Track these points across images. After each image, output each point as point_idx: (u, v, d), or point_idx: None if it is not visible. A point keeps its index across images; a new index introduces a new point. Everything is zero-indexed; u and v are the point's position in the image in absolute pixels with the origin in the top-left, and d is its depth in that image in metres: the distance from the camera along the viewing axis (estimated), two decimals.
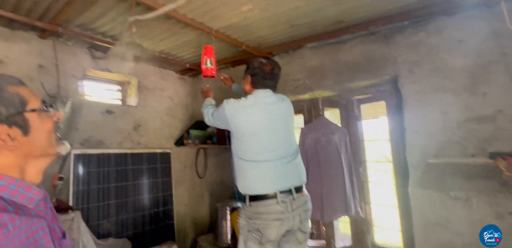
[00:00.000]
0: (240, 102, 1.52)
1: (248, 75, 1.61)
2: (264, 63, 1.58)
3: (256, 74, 1.57)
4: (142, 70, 3.08)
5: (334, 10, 1.87)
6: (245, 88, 1.64)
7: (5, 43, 2.23)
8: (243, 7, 1.84)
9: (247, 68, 1.65)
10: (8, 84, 0.61)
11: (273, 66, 1.59)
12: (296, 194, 1.45)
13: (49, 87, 2.35)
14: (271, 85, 1.59)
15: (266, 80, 1.57)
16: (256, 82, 1.58)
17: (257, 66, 1.58)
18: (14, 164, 0.59)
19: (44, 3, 1.86)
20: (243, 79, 1.68)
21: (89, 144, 2.58)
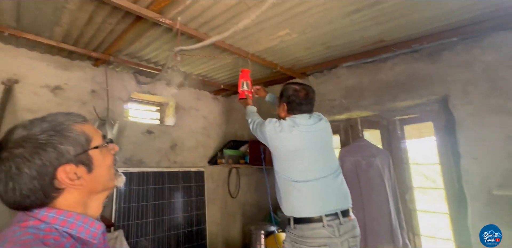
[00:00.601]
0: (280, 124, 1.51)
1: (283, 103, 1.62)
2: (298, 89, 1.58)
3: (292, 101, 1.58)
4: (180, 92, 3.24)
5: (374, 30, 1.81)
6: (281, 116, 1.64)
7: (65, 72, 2.50)
8: (281, 31, 1.86)
9: (281, 96, 1.66)
10: (74, 123, 0.63)
11: (307, 91, 1.59)
12: (343, 218, 1.38)
13: (99, 110, 2.56)
14: (307, 109, 1.59)
15: (302, 106, 1.58)
16: (292, 109, 1.59)
17: (292, 93, 1.58)
18: (79, 201, 0.61)
19: (100, 36, 2.06)
20: (278, 107, 1.70)
21: (131, 162, 2.74)
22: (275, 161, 1.53)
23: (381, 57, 2.23)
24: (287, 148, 1.46)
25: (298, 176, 1.42)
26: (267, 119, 1.56)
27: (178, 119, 3.22)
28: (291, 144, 1.45)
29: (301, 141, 1.46)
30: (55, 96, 2.41)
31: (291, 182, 1.43)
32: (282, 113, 1.63)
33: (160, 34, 1.99)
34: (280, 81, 3.01)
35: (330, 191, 1.43)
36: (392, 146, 2.27)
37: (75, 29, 1.95)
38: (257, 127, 1.66)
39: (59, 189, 0.58)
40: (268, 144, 1.54)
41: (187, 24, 1.80)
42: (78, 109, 2.50)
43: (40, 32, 2.01)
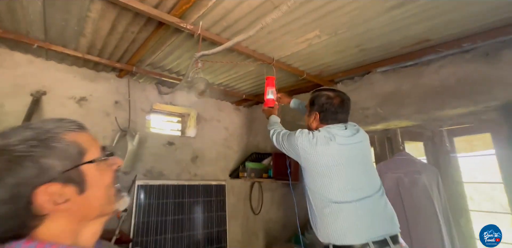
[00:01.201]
0: (314, 136, 1.31)
1: (315, 113, 1.43)
2: (332, 96, 1.40)
3: (326, 110, 1.39)
4: (201, 102, 3.18)
5: (418, 28, 1.58)
6: (312, 126, 1.46)
7: (91, 83, 2.53)
8: (309, 34, 1.70)
9: (312, 105, 1.46)
10: (65, 130, 0.51)
11: (342, 98, 1.41)
12: (394, 245, 1.14)
13: (121, 121, 2.54)
14: (342, 119, 1.39)
15: (338, 115, 1.39)
16: (326, 118, 1.39)
17: (325, 101, 1.39)
18: (67, 230, 0.48)
19: (123, 46, 2.04)
20: (308, 117, 1.51)
21: (151, 174, 2.67)
22: (308, 177, 1.33)
23: (423, 60, 1.97)
24: (324, 163, 1.25)
25: (338, 195, 1.21)
26: (298, 131, 1.36)
27: (199, 131, 3.14)
28: (329, 158, 1.25)
29: (340, 155, 1.25)
30: (80, 107, 2.43)
31: (329, 203, 1.21)
32: (314, 124, 1.44)
33: (181, 42, 1.92)
34: (305, 90, 2.82)
35: (375, 213, 1.20)
36: (440, 161, 1.97)
37: (98, 40, 1.95)
38: (284, 138, 1.47)
39: (40, 215, 0.45)
40: (300, 157, 1.34)
41: (209, 29, 1.70)
42: (101, 120, 2.50)
43: (67, 44, 2.03)
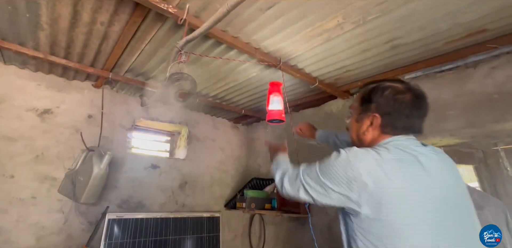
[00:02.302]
0: (380, 153, 0.76)
1: (373, 115, 0.86)
2: (401, 89, 0.84)
3: (394, 111, 0.83)
4: (193, 118, 2.74)
5: (477, 11, 1.19)
6: (366, 137, 0.89)
7: (59, 93, 2.10)
8: (329, 21, 1.30)
9: (366, 102, 0.89)
10: None
11: (417, 93, 0.84)
12: None
13: (94, 139, 2.08)
14: (418, 127, 0.84)
15: (413, 120, 0.83)
16: (393, 125, 0.83)
17: (392, 95, 0.84)
18: None
19: (93, 44, 1.64)
20: (357, 122, 0.93)
21: (127, 205, 2.16)
22: (367, 232, 0.74)
23: (468, 62, 1.57)
24: (404, 205, 0.70)
25: None
26: (341, 151, 0.80)
27: (190, 152, 2.67)
28: (414, 196, 0.71)
29: (430, 188, 0.72)
30: (42, 121, 1.98)
31: None
32: (369, 133, 0.88)
33: (166, 36, 1.52)
34: (315, 103, 2.40)
35: None
36: (498, 189, 1.51)
37: (61, 34, 1.55)
38: (309, 175, 0.86)
39: None
40: (356, 195, 0.74)
41: (199, 15, 1.31)
42: (68, 138, 2.04)
43: (24, 40, 1.63)
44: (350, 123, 0.99)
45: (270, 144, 1.33)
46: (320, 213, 2.13)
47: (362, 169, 0.74)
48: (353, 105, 0.98)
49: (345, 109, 2.17)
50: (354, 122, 0.95)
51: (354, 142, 0.95)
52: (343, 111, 2.19)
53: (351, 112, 0.99)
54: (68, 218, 1.85)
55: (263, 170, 2.81)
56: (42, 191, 1.85)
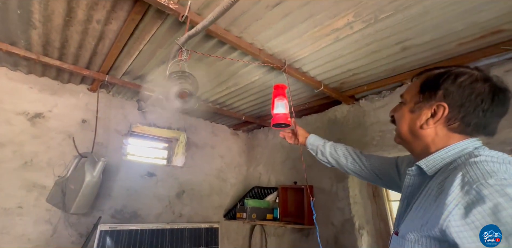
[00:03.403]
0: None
1: (439, 105, 0.69)
2: (477, 76, 0.67)
3: (469, 103, 0.65)
4: (192, 124, 2.65)
5: (493, 10, 1.13)
6: (425, 132, 0.71)
7: (52, 96, 2.01)
8: (339, 20, 1.24)
9: (431, 87, 0.71)
10: None
11: (500, 87, 0.67)
12: None
13: (88, 144, 1.98)
14: (493, 129, 0.68)
15: (490, 118, 0.66)
16: (466, 121, 0.66)
17: (468, 84, 0.66)
18: None
19: (89, 43, 1.56)
20: (411, 112, 0.75)
21: (121, 216, 2.04)
22: None
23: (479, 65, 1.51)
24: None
25: None
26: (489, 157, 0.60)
27: (188, 159, 2.57)
28: None
29: None
30: (32, 125, 1.88)
31: None
32: (429, 128, 0.71)
33: (166, 35, 1.44)
34: (318, 109, 2.33)
35: None
36: None
37: (54, 33, 1.47)
38: None
39: None
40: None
41: (201, 12, 1.24)
42: (60, 144, 1.93)
43: (15, 40, 1.54)
44: (400, 114, 0.79)
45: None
46: (325, 224, 2.03)
47: None
48: (408, 92, 0.78)
49: (350, 116, 2.10)
50: (408, 113, 0.75)
51: (402, 138, 0.78)
52: (348, 117, 2.11)
53: (403, 101, 0.79)
54: (56, 229, 1.72)
55: (264, 178, 2.71)
56: (30, 200, 1.73)
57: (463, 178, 0.56)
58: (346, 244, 1.87)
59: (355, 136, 2.01)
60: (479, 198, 0.52)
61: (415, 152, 0.76)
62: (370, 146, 1.90)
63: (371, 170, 1.09)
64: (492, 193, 0.51)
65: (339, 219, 1.95)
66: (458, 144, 0.66)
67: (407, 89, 0.81)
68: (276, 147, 2.64)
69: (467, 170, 0.57)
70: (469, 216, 0.52)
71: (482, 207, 0.51)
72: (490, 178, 0.53)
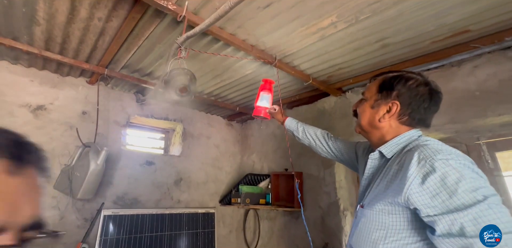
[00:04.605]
0: (464, 154, 0.74)
1: (392, 103, 0.85)
2: (420, 81, 0.85)
3: (413, 101, 0.83)
4: (188, 115, 2.76)
5: (459, 14, 1.27)
6: (381, 124, 0.87)
7: (53, 89, 2.09)
8: (323, 20, 1.36)
9: (387, 87, 0.88)
10: None
11: (434, 89, 0.86)
12: None
13: (89, 135, 2.08)
14: (429, 122, 0.88)
15: (428, 114, 0.86)
16: (412, 116, 0.84)
17: (414, 86, 0.84)
18: None
19: (90, 39, 1.64)
20: (372, 109, 0.91)
21: (123, 202, 2.16)
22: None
23: (452, 61, 1.67)
24: None
25: None
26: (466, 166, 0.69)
27: (185, 148, 2.69)
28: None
29: None
30: (35, 117, 1.96)
31: None
32: (385, 121, 0.86)
33: (164, 32, 1.54)
34: (308, 100, 2.47)
35: None
36: None
37: (57, 29, 1.55)
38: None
39: None
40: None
41: (198, 12, 1.34)
42: (62, 135, 2.03)
43: (18, 35, 1.61)
44: (361, 109, 0.95)
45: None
46: (313, 207, 2.20)
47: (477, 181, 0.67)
48: (368, 91, 0.95)
49: (337, 107, 2.25)
50: (368, 109, 0.92)
51: (362, 129, 0.95)
52: (335, 108, 2.26)
53: (364, 98, 0.96)
54: (64, 214, 1.84)
55: (257, 166, 2.86)
56: None
57: (419, 156, 0.71)
58: (331, 225, 2.05)
59: (342, 125, 2.17)
60: (432, 169, 0.67)
61: (373, 140, 0.91)
62: (355, 134, 2.06)
63: (335, 152, 1.29)
64: (441, 165, 0.67)
65: (326, 202, 2.12)
66: (407, 133, 0.82)
67: (367, 88, 0.97)
68: (269, 136, 2.78)
69: (421, 150, 0.72)
70: (425, 183, 0.67)
71: (433, 175, 0.66)
72: (438, 154, 0.68)
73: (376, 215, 0.77)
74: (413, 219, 0.71)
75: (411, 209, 0.70)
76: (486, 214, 0.59)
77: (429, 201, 0.66)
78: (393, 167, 0.78)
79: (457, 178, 0.64)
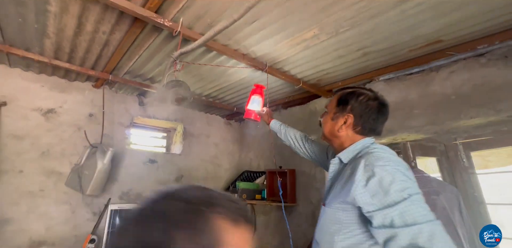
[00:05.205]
0: (394, 154, 0.89)
1: (347, 115, 1.00)
2: (371, 96, 1.00)
3: (363, 114, 0.98)
4: (189, 116, 2.91)
5: (431, 26, 1.39)
6: (340, 134, 1.02)
7: (62, 93, 2.25)
8: (306, 33, 1.48)
9: (343, 103, 1.03)
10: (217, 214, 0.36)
11: (382, 102, 1.01)
12: None
13: (96, 136, 2.25)
14: (380, 131, 1.02)
15: (378, 124, 0.99)
16: (364, 126, 0.98)
17: (365, 101, 0.98)
18: None
19: (95, 49, 1.79)
20: (333, 121, 1.05)
21: (128, 197, 2.34)
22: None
23: (432, 66, 1.78)
24: None
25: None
26: (398, 168, 0.82)
27: (185, 147, 2.85)
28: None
29: None
30: (46, 120, 2.13)
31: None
32: (343, 131, 1.01)
33: (162, 44, 1.68)
34: (301, 101, 2.60)
35: None
36: (456, 178, 1.73)
37: (65, 41, 1.70)
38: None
39: None
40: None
41: (192, 27, 1.47)
42: (71, 136, 2.20)
43: (29, 47, 1.77)
44: (324, 120, 1.11)
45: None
46: (305, 202, 2.34)
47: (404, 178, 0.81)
48: (330, 105, 1.11)
49: None
50: (330, 120, 1.07)
51: (326, 137, 1.10)
52: None
53: (326, 111, 1.12)
54: (75, 209, 2.02)
55: (254, 163, 3.01)
56: (49, 184, 2.01)
57: (365, 162, 0.84)
58: None
59: None
60: (373, 174, 0.81)
61: (334, 146, 1.05)
62: None
63: (310, 153, 1.43)
64: (379, 170, 0.81)
65: (316, 197, 2.26)
66: (360, 141, 0.96)
67: (329, 102, 1.12)
68: (265, 135, 2.92)
69: (367, 157, 0.85)
70: (367, 185, 0.81)
71: (373, 179, 0.80)
72: (379, 161, 0.82)
73: (334, 212, 0.91)
74: (360, 214, 0.85)
75: (357, 206, 0.84)
76: (409, 208, 0.73)
77: (369, 200, 0.79)
78: (347, 171, 0.92)
79: (390, 180, 0.77)
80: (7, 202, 1.84)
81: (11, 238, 1.80)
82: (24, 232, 1.85)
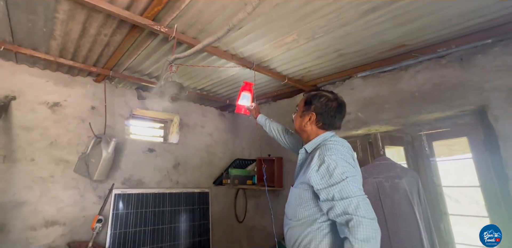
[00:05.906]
0: (344, 145, 1.13)
1: (311, 113, 1.23)
2: (331, 98, 1.23)
3: (324, 112, 1.21)
4: (184, 108, 3.11)
5: (394, 33, 1.59)
6: (307, 129, 1.25)
7: (66, 88, 2.42)
8: (287, 37, 1.68)
9: (308, 104, 1.26)
10: None
11: (341, 102, 1.24)
12: None
13: (98, 127, 2.44)
14: (338, 126, 1.25)
15: (336, 120, 1.23)
16: (324, 122, 1.21)
17: (324, 102, 1.21)
18: None
19: (97, 50, 1.96)
20: (301, 117, 1.28)
21: (130, 183, 2.56)
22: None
23: (401, 65, 1.99)
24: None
25: None
26: (337, 155, 1.05)
27: (182, 137, 3.06)
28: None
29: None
30: (53, 113, 2.32)
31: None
32: (308, 126, 1.24)
33: (158, 45, 1.86)
34: (289, 95, 2.81)
35: None
36: (419, 165, 1.97)
37: (70, 43, 1.87)
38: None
39: None
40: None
41: (185, 32, 1.66)
42: (76, 127, 2.39)
43: (37, 47, 1.94)
44: (295, 117, 1.35)
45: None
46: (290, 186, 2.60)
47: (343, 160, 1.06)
48: (299, 104, 1.33)
49: None
50: (299, 117, 1.31)
51: (297, 131, 1.34)
52: None
53: (297, 109, 1.35)
54: (83, 193, 2.24)
55: (246, 152, 3.24)
56: (58, 171, 2.22)
57: (320, 152, 1.07)
58: None
59: None
60: (323, 161, 1.04)
61: (303, 138, 1.28)
62: None
63: (289, 144, 1.65)
64: (328, 158, 1.04)
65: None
66: (322, 135, 1.18)
67: (299, 102, 1.34)
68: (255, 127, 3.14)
69: (321, 148, 1.08)
70: (319, 170, 1.04)
71: (323, 165, 1.04)
72: (328, 152, 1.05)
73: (298, 191, 1.15)
74: (313, 192, 1.08)
75: (311, 185, 1.07)
76: (346, 187, 0.97)
77: (319, 181, 1.03)
78: (309, 159, 1.15)
79: (334, 166, 1.00)
80: (22, 186, 2.06)
81: (28, 217, 2.03)
82: (38, 213, 2.08)
